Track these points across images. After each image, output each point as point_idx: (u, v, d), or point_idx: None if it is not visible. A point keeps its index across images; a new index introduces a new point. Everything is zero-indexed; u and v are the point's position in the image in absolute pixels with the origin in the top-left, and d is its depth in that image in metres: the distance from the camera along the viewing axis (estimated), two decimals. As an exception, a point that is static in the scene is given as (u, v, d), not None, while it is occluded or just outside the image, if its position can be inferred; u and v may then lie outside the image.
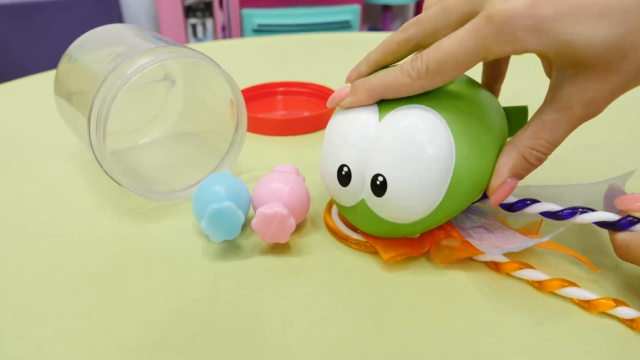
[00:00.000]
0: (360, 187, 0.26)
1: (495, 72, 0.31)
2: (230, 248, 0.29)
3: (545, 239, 0.24)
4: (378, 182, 0.24)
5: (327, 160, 0.27)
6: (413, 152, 0.23)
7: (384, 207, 0.25)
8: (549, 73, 0.25)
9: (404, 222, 0.25)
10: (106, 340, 0.23)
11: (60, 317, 0.24)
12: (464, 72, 0.23)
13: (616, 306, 0.23)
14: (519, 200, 0.26)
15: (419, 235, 0.28)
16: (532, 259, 0.27)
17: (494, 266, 0.26)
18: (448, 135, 0.24)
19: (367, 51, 0.27)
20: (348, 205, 0.27)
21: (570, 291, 0.24)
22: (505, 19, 0.21)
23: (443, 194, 0.24)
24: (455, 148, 0.24)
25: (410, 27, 0.25)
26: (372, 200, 0.25)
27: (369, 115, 0.25)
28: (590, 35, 0.21)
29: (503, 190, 0.25)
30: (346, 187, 0.26)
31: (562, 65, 0.22)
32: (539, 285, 0.25)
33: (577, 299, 0.24)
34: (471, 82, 0.28)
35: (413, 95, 0.25)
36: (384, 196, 0.24)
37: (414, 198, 0.24)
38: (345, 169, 0.25)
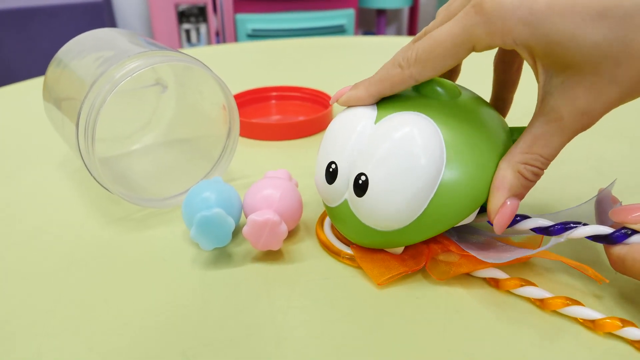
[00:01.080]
0: (345, 186, 0.25)
1: (506, 79, 0.29)
2: (221, 256, 0.28)
3: (544, 248, 0.23)
4: (360, 182, 0.24)
5: (320, 158, 0.27)
6: (399, 156, 0.23)
7: (363, 209, 0.25)
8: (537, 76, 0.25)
9: (382, 228, 0.25)
10: (92, 356, 0.22)
11: (45, 332, 0.23)
12: (454, 62, 0.22)
13: (623, 326, 0.22)
14: None
15: (402, 251, 0.26)
16: (534, 274, 0.26)
17: (494, 283, 0.25)
18: (440, 145, 0.23)
19: (361, 55, 0.27)
20: (332, 205, 0.27)
21: (573, 310, 0.23)
22: (495, 7, 0.20)
23: (426, 204, 0.23)
24: (446, 159, 0.23)
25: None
26: (354, 201, 0.25)
27: (366, 117, 0.25)
28: (582, 36, 0.20)
29: (505, 212, 0.23)
30: (332, 185, 0.26)
31: (549, 68, 0.21)
32: (540, 303, 0.24)
33: (581, 319, 0.23)
34: (478, 99, 0.27)
35: (413, 103, 0.25)
36: (364, 197, 0.24)
37: (393, 202, 0.23)
38: (333, 165, 0.26)
